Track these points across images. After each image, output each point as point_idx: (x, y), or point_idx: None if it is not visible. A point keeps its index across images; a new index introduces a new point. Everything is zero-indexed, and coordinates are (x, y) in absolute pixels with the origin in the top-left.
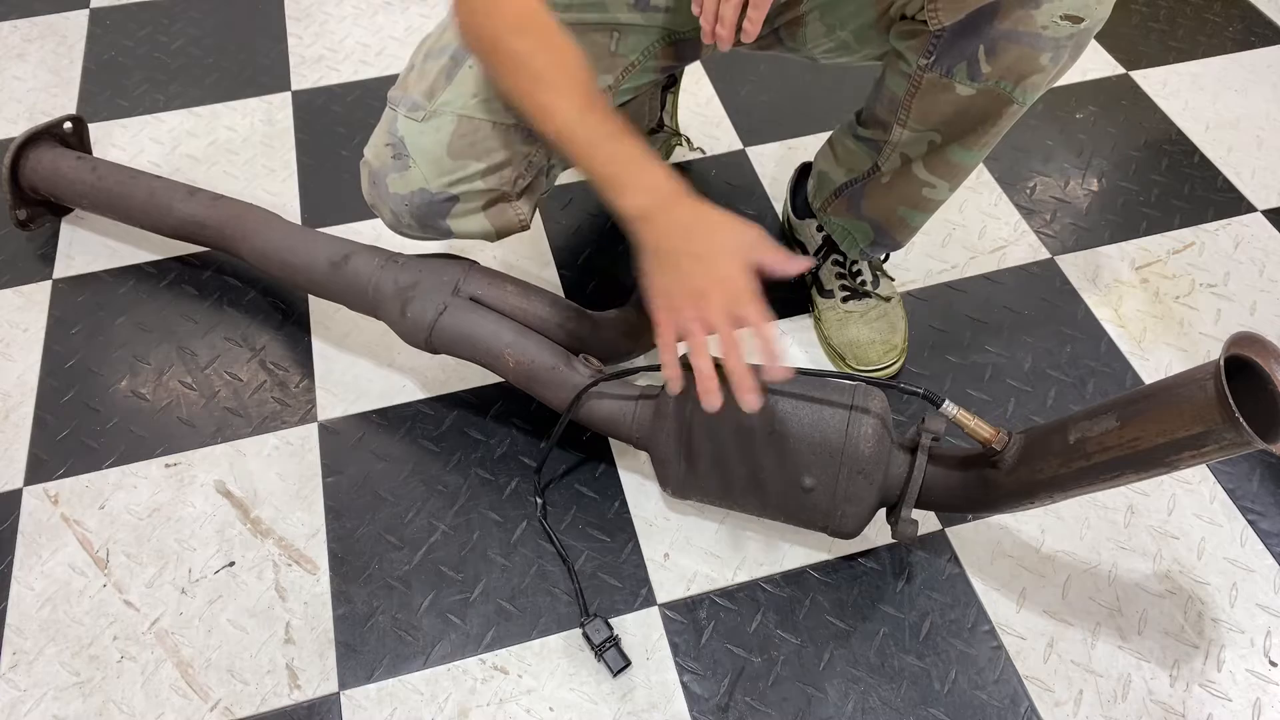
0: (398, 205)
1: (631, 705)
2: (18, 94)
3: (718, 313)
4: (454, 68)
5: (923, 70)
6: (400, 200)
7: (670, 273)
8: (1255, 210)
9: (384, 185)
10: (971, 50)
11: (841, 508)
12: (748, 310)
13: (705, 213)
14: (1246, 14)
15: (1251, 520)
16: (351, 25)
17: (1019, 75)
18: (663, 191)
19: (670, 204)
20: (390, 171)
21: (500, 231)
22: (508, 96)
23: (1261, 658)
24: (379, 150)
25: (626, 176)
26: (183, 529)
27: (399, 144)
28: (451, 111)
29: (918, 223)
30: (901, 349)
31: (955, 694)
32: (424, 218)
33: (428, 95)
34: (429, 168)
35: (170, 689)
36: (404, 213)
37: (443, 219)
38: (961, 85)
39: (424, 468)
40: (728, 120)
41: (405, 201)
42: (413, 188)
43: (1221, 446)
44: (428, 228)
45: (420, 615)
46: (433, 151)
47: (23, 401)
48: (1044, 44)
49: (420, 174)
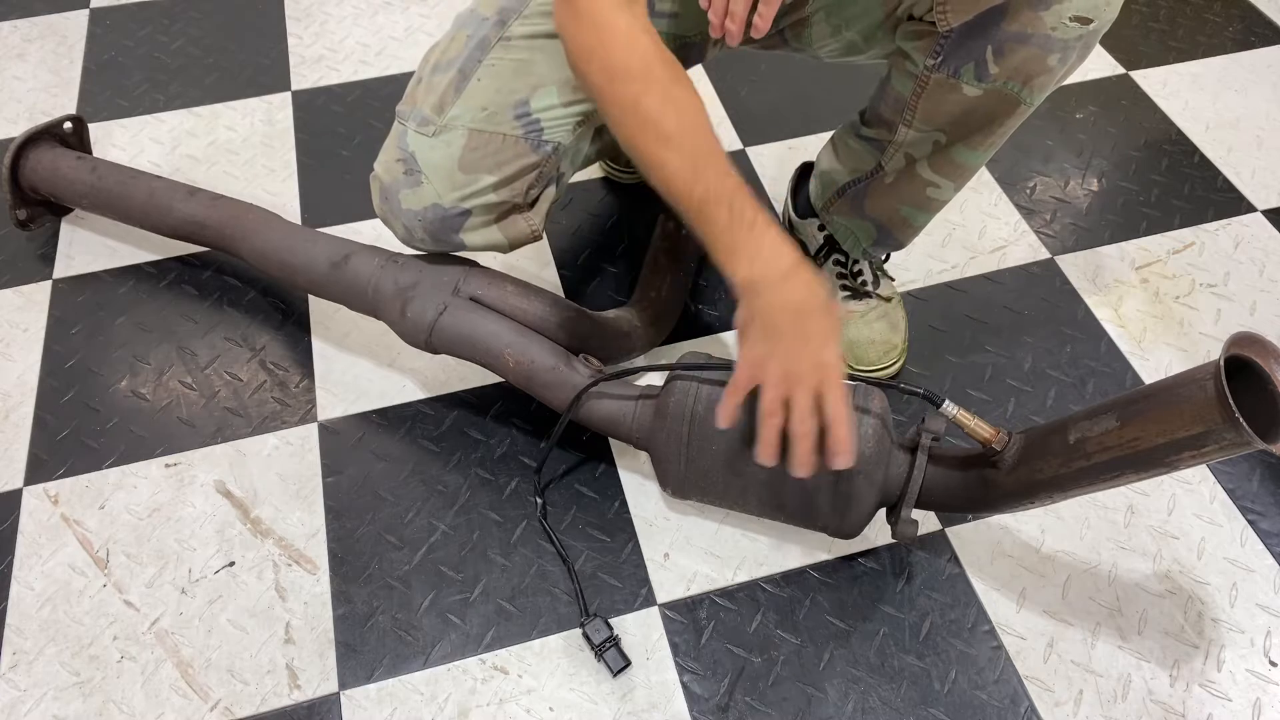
0: (410, 221)
1: (631, 705)
2: (18, 94)
3: (804, 397)
4: (462, 81)
5: (930, 71)
6: (413, 216)
7: (772, 346)
8: (1255, 210)
9: (396, 201)
10: (979, 51)
11: (841, 508)
12: (832, 398)
13: (817, 293)
14: (1246, 14)
15: (1251, 520)
16: (351, 25)
17: (1027, 76)
18: (776, 264)
19: (784, 279)
20: (402, 187)
21: (513, 243)
22: (623, 143)
23: (1261, 658)
24: (390, 166)
25: (739, 244)
26: (183, 529)
27: (410, 159)
28: (462, 126)
29: (921, 222)
30: (901, 349)
31: (955, 694)
32: (437, 232)
33: (437, 110)
34: (441, 183)
35: (170, 689)
36: (417, 228)
37: (456, 233)
38: (969, 86)
39: (424, 468)
40: (728, 120)
41: (419, 217)
42: (425, 203)
43: (1221, 446)
44: (440, 241)
45: (420, 615)
46: (444, 166)
47: (23, 401)
48: (1053, 45)
49: (432, 189)
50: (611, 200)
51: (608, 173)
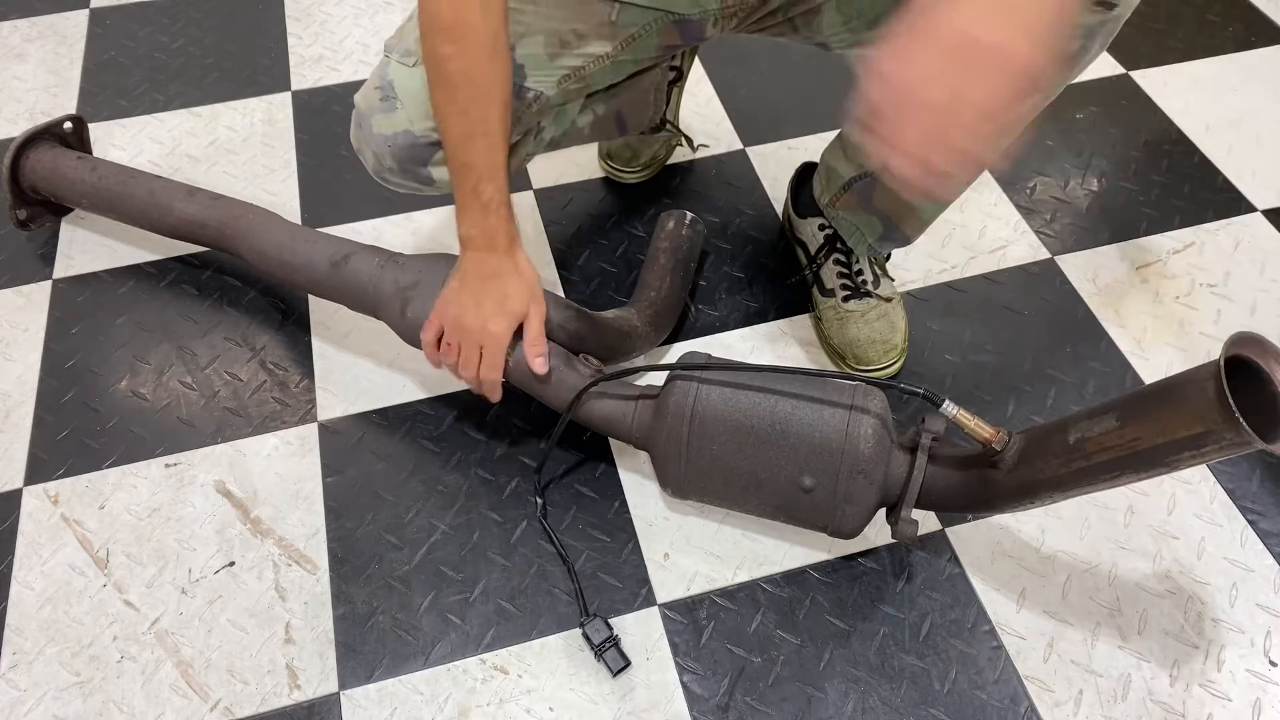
0: (380, 146)
1: (631, 705)
2: (18, 94)
3: (469, 350)
4: None
5: None
6: (383, 141)
7: (457, 297)
8: (1255, 210)
9: (369, 126)
10: None
11: (841, 508)
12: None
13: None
14: (1246, 14)
15: (1251, 520)
16: (351, 25)
17: None
18: (486, 237)
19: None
20: (376, 113)
21: None
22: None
23: (1261, 658)
24: (368, 94)
25: (467, 209)
26: (183, 529)
27: (387, 87)
28: None
29: (929, 215)
30: (901, 349)
31: (955, 694)
32: (406, 160)
33: None
34: (415, 109)
35: (170, 689)
36: (386, 154)
37: (424, 165)
38: None
39: (424, 468)
40: (728, 120)
41: (388, 142)
42: (397, 129)
43: (1221, 447)
44: (408, 172)
45: (420, 615)
46: (420, 94)
47: (23, 401)
48: (1074, 32)
49: (405, 115)
50: (611, 200)
51: (608, 173)
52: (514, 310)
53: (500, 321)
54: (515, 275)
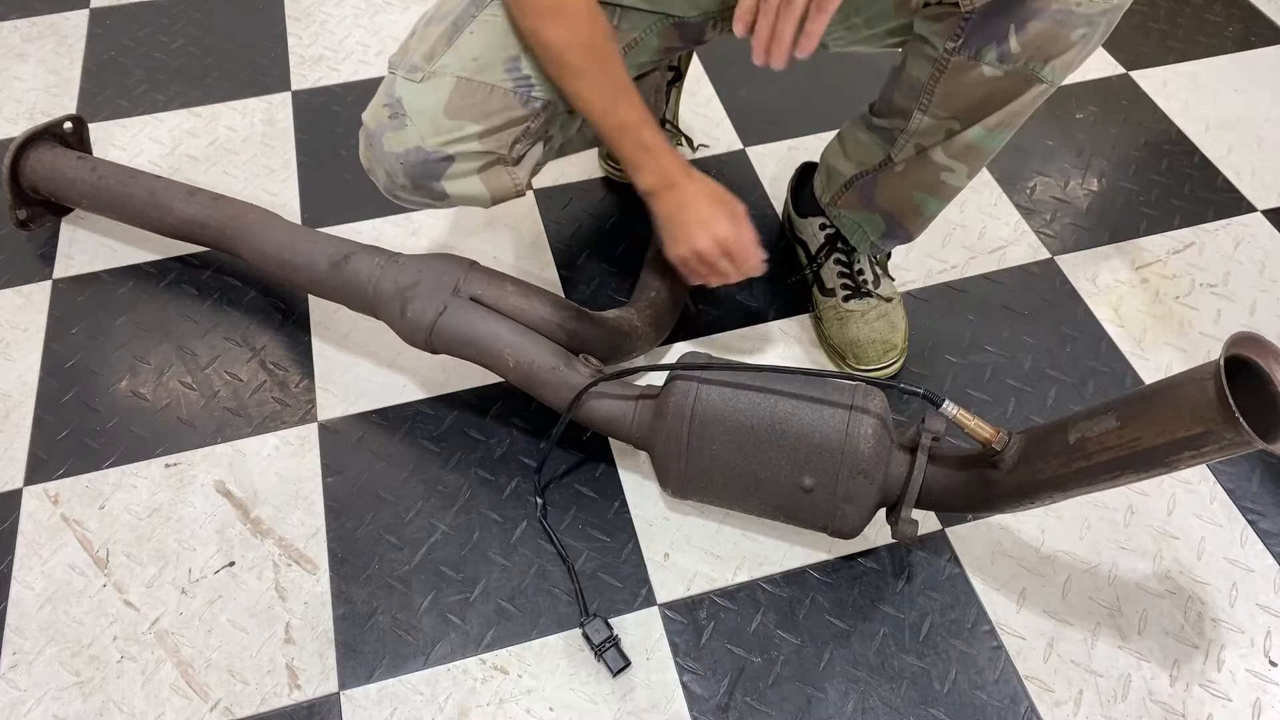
0: (392, 164)
1: (631, 705)
2: (18, 94)
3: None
4: (455, 32)
5: (950, 54)
6: (395, 159)
7: (676, 234)
8: (1255, 210)
9: (380, 145)
10: (1002, 30)
11: (841, 508)
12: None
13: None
14: (1246, 14)
15: (1251, 520)
16: (351, 25)
17: (1049, 55)
18: (667, 178)
19: (669, 188)
20: (386, 130)
21: (495, 196)
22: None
23: (1261, 658)
24: (376, 112)
25: (641, 163)
26: (183, 529)
27: (396, 104)
28: (450, 73)
29: (932, 211)
30: (901, 349)
31: (955, 694)
32: (418, 177)
33: (427, 58)
34: (425, 126)
35: (170, 689)
36: (398, 172)
37: (437, 180)
38: (989, 67)
39: (424, 468)
40: (728, 120)
41: (400, 160)
42: (408, 145)
43: (1221, 446)
44: (421, 189)
45: (420, 615)
46: (430, 110)
47: (23, 401)
48: (1076, 20)
49: (416, 132)
50: (611, 200)
51: (608, 173)
52: (735, 211)
53: (730, 227)
54: (707, 189)
